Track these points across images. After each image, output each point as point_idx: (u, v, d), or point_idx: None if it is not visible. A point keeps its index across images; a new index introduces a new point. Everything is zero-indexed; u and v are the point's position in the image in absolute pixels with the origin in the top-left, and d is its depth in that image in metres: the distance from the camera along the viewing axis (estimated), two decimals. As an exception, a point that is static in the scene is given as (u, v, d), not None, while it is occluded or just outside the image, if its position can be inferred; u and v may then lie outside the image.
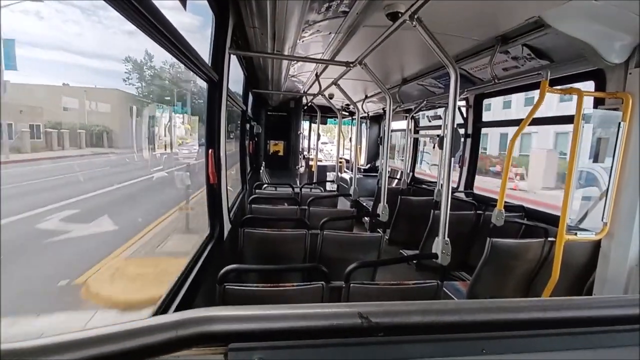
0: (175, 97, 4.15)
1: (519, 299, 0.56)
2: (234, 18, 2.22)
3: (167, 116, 3.77)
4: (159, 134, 3.64)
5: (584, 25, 1.88)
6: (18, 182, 1.83)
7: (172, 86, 4.18)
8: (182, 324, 0.44)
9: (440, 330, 0.51)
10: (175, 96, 4.16)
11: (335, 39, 2.77)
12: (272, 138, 6.67)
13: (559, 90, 2.19)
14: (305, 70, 4.43)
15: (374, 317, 0.49)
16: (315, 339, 0.48)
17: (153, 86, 3.88)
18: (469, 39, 2.48)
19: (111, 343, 0.39)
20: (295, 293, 1.42)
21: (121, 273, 2.50)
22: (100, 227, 2.40)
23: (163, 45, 1.32)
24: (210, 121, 2.20)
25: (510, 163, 2.33)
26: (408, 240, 3.68)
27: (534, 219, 2.80)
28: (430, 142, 5.89)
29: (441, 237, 1.70)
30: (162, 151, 3.72)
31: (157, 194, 3.85)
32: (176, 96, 4.19)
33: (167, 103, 3.95)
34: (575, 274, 2.24)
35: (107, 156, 2.61)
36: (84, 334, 0.39)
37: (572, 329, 0.54)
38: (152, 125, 3.45)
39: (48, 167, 2.01)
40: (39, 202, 2.01)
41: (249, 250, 2.24)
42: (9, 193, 1.59)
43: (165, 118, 3.74)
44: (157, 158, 3.59)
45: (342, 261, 1.84)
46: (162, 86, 4.07)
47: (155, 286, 2.53)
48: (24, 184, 1.89)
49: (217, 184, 2.21)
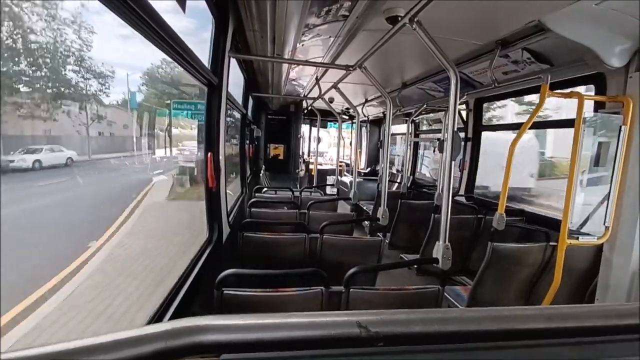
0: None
1: (523, 307, 0.55)
2: (234, 21, 2.22)
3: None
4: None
5: (584, 29, 1.88)
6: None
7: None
8: (173, 334, 0.42)
9: (443, 340, 0.49)
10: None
11: (335, 43, 2.78)
12: (272, 142, 6.67)
13: (560, 94, 2.18)
14: (306, 73, 4.44)
15: (373, 326, 0.47)
16: (312, 349, 0.46)
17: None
18: (468, 42, 2.48)
19: (97, 354, 0.37)
20: (294, 298, 1.40)
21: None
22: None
23: (162, 48, 1.32)
24: (210, 125, 2.19)
25: (510, 167, 2.32)
26: (408, 244, 3.66)
27: (535, 223, 2.78)
28: (430, 146, 5.88)
29: (442, 241, 1.68)
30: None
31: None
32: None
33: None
34: (577, 278, 2.21)
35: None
36: (65, 346, 0.37)
37: (577, 339, 0.52)
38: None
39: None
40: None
41: (248, 255, 2.22)
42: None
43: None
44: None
45: (342, 265, 1.82)
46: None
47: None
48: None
49: (216, 187, 2.20)
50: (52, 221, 1.81)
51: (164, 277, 1.92)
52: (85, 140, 2.03)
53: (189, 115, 3.81)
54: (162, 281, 1.91)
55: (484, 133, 3.93)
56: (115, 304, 1.99)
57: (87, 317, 1.76)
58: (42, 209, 1.74)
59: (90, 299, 1.89)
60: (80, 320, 1.68)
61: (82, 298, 1.79)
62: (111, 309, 1.92)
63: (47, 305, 1.53)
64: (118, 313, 1.90)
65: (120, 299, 2.04)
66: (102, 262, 2.04)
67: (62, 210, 1.90)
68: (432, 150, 5.84)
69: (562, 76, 2.45)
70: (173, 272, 1.70)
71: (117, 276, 2.22)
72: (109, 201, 2.45)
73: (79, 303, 1.76)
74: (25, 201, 1.63)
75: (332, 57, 3.07)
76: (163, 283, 1.71)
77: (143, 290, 2.12)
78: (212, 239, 2.17)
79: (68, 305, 1.65)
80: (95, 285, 1.94)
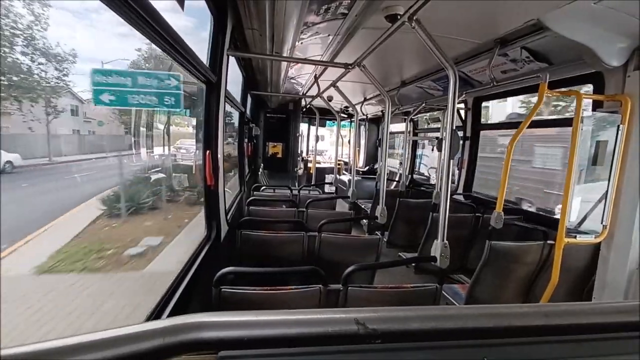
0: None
1: (521, 305, 0.54)
2: (233, 19, 2.21)
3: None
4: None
5: (583, 27, 1.88)
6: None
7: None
8: (170, 331, 0.42)
9: (440, 337, 0.49)
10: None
11: (334, 41, 2.77)
12: (270, 140, 6.66)
13: (558, 93, 2.19)
14: (304, 72, 4.43)
15: (371, 323, 0.47)
16: (310, 346, 0.46)
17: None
18: (467, 41, 2.47)
19: (95, 351, 0.37)
20: (292, 296, 1.40)
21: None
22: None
23: (160, 46, 1.31)
24: (208, 123, 2.19)
25: (509, 165, 2.32)
26: (406, 243, 3.66)
27: (533, 222, 2.79)
28: (429, 145, 5.88)
29: (440, 239, 1.69)
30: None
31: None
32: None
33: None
34: (575, 277, 2.22)
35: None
36: (63, 342, 0.37)
37: (575, 336, 0.53)
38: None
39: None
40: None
41: (246, 253, 2.22)
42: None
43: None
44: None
45: (340, 264, 1.82)
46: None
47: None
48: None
49: (215, 185, 2.20)
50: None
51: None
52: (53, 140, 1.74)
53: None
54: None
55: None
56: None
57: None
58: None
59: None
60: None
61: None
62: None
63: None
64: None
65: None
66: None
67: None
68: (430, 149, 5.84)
69: (560, 75, 2.46)
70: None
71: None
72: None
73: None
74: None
75: (331, 56, 3.06)
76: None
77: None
78: (211, 237, 2.17)
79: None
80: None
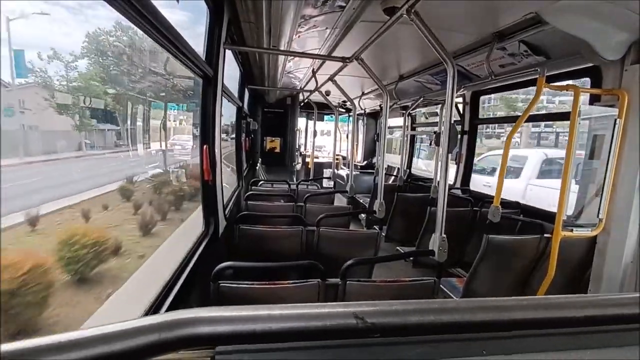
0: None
1: (520, 298, 0.55)
2: (229, 12, 2.18)
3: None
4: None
5: (581, 21, 1.87)
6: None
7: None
8: (166, 326, 0.42)
9: (439, 331, 0.49)
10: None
11: (331, 34, 2.74)
12: (268, 135, 6.64)
13: (556, 87, 2.18)
14: (302, 66, 4.40)
15: (369, 317, 0.47)
16: (308, 340, 0.46)
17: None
18: (466, 34, 2.46)
19: (90, 346, 0.37)
20: (290, 291, 1.41)
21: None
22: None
23: (156, 39, 1.29)
24: (205, 117, 2.17)
25: (507, 160, 2.33)
26: (405, 237, 3.68)
27: (530, 215, 2.80)
28: (427, 139, 5.88)
29: (438, 233, 1.69)
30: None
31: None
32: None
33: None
34: (571, 270, 2.24)
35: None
36: (59, 338, 0.37)
37: (574, 329, 0.53)
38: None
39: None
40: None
41: (244, 247, 2.22)
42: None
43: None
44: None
45: (338, 258, 1.82)
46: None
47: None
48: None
49: (212, 180, 2.19)
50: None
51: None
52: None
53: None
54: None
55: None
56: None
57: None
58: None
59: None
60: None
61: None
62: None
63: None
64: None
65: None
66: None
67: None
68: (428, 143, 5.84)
69: (558, 69, 2.45)
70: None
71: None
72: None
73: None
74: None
75: (328, 49, 3.04)
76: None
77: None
78: (209, 232, 2.17)
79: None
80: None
